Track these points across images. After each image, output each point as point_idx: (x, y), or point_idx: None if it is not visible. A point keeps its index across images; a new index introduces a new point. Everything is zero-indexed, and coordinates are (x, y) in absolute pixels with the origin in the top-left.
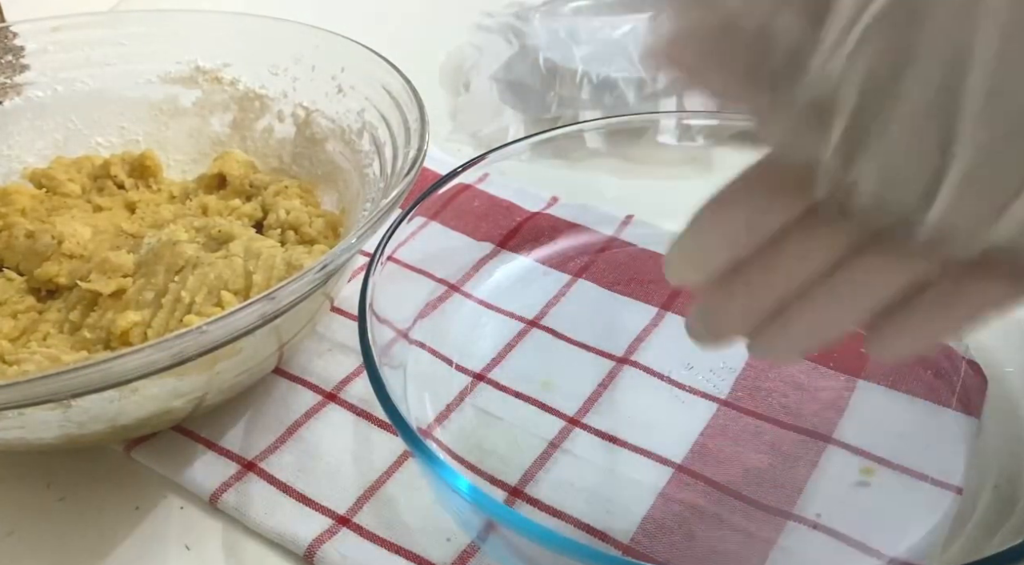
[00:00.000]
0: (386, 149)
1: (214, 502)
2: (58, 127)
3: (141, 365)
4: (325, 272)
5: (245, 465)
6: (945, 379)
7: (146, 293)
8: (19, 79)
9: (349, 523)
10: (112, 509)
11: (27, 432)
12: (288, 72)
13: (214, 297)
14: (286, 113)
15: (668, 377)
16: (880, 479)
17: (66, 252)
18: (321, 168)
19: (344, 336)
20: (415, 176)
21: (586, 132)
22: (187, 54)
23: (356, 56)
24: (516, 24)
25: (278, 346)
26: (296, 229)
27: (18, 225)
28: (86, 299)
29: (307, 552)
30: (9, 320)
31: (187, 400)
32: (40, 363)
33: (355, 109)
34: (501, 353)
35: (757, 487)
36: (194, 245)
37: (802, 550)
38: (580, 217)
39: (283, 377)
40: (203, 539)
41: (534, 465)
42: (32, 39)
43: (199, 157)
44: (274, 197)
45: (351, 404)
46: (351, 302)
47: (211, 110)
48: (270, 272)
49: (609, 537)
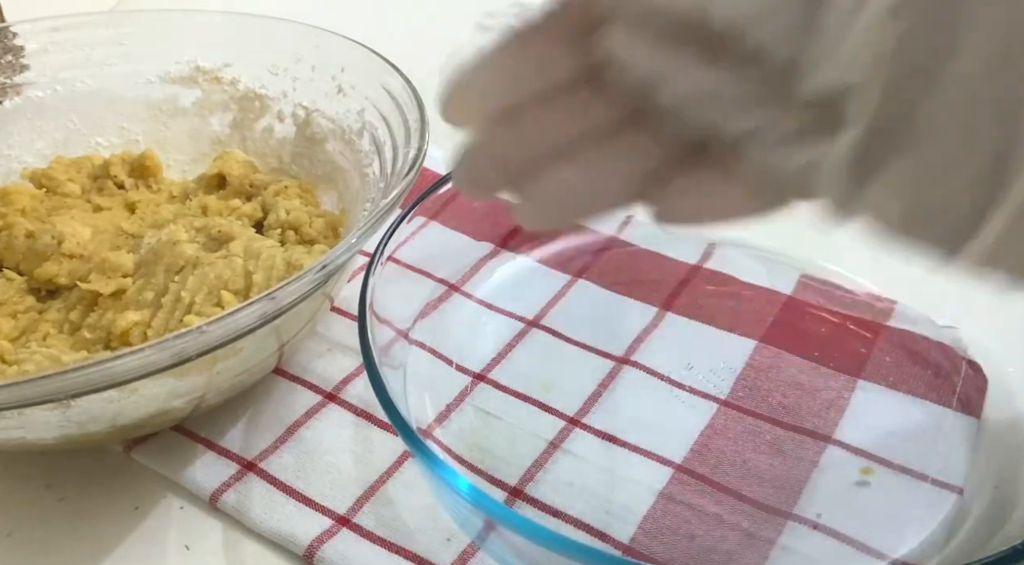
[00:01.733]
0: (386, 149)
1: (214, 502)
2: (58, 127)
3: (141, 365)
4: (325, 272)
5: (245, 465)
6: (945, 379)
7: (146, 293)
8: (19, 79)
9: (349, 523)
10: (112, 509)
11: (27, 432)
12: (288, 72)
13: (214, 297)
14: (286, 113)
15: (668, 377)
16: (880, 479)
17: (66, 252)
18: (321, 168)
19: (344, 336)
20: (415, 176)
21: None
22: (187, 54)
23: (356, 56)
24: None
25: (278, 346)
26: (296, 229)
27: (18, 225)
28: (86, 299)
29: (307, 552)
30: (9, 320)
31: (187, 400)
32: (40, 363)
33: (355, 109)
34: (501, 353)
35: (757, 487)
36: (194, 245)
37: (802, 550)
38: None
39: (283, 377)
40: (203, 539)
41: (534, 465)
42: (32, 39)
43: (199, 157)
44: (274, 197)
45: (351, 404)
46: (351, 302)
47: (211, 110)
48: (270, 272)
49: (609, 537)
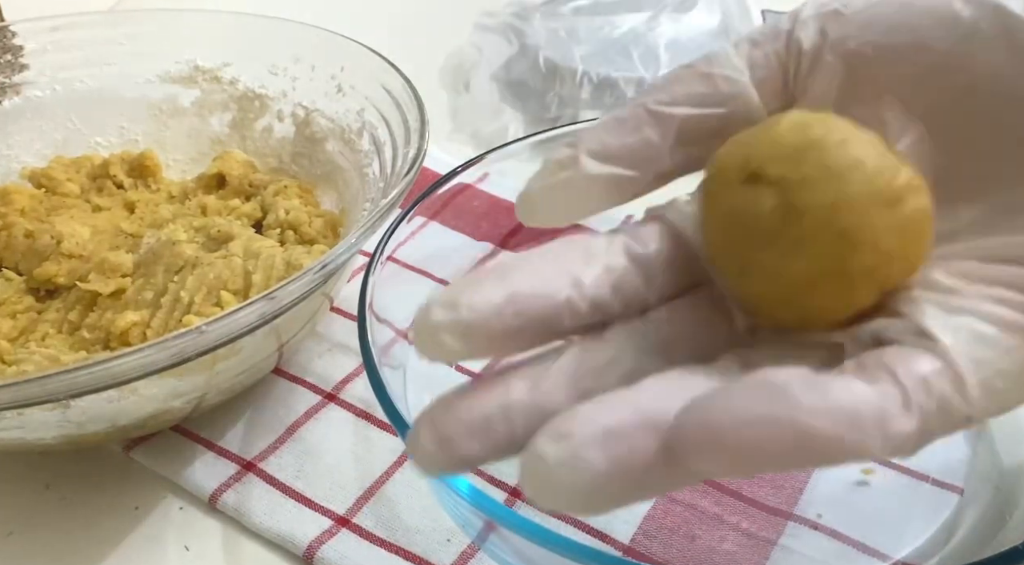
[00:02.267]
0: (386, 149)
1: (214, 502)
2: (57, 127)
3: (140, 365)
4: (325, 272)
5: (245, 465)
6: None
7: (145, 293)
8: (18, 79)
9: (349, 524)
10: (112, 509)
11: (26, 432)
12: (288, 72)
13: (213, 297)
14: (286, 113)
15: None
16: (880, 479)
17: (65, 252)
18: (321, 168)
19: (344, 336)
20: (415, 176)
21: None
22: (186, 54)
23: (356, 56)
24: (516, 24)
25: (278, 346)
26: (296, 229)
27: (17, 225)
28: (85, 299)
29: (306, 552)
30: (8, 320)
31: (186, 400)
32: (39, 363)
33: (355, 109)
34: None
35: (757, 487)
36: (193, 245)
37: (802, 550)
38: None
39: (283, 377)
40: (203, 539)
41: None
42: (31, 38)
43: (198, 157)
44: (273, 197)
45: (351, 404)
46: (351, 302)
47: (210, 110)
48: (270, 272)
49: (609, 537)
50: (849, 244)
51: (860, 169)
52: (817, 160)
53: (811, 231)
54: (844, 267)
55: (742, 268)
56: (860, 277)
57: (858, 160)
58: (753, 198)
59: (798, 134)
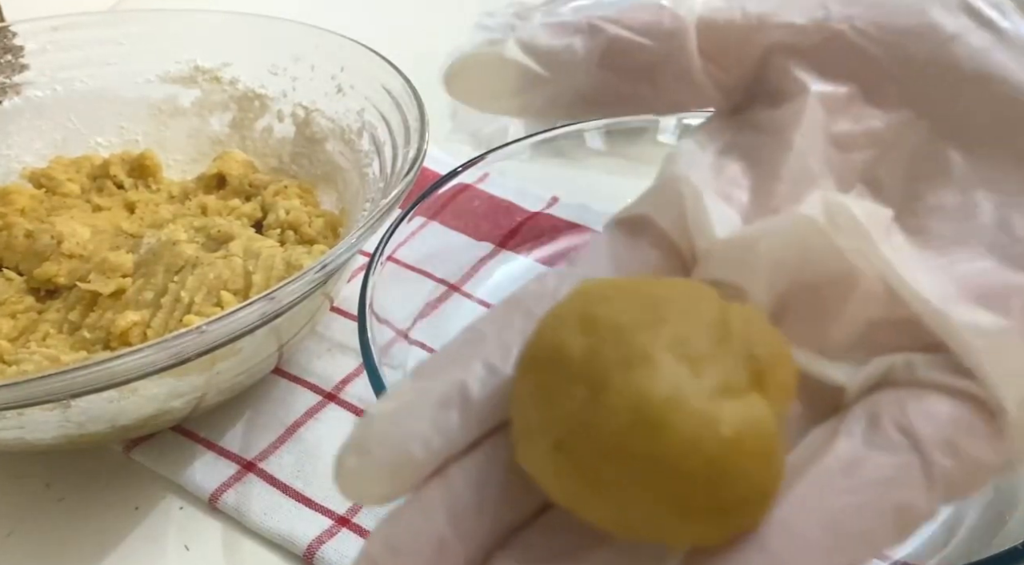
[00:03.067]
0: (386, 149)
1: (214, 502)
2: (57, 127)
3: (141, 365)
4: (325, 272)
5: (245, 465)
6: None
7: (145, 293)
8: (18, 79)
9: (349, 523)
10: (112, 509)
11: (26, 432)
12: (287, 72)
13: (213, 297)
14: (286, 113)
15: None
16: None
17: (65, 252)
18: (321, 168)
19: (344, 336)
20: (415, 176)
21: (586, 132)
22: (186, 53)
23: (356, 56)
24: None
25: (278, 346)
26: (296, 229)
27: (17, 225)
28: (85, 299)
29: (306, 552)
30: (8, 320)
31: (186, 400)
32: (39, 363)
33: (355, 109)
34: None
35: None
36: (193, 245)
37: None
38: (580, 217)
39: (283, 377)
40: (203, 539)
41: None
42: (31, 39)
43: (198, 157)
44: (273, 197)
45: (351, 404)
46: (351, 302)
47: (210, 110)
48: (270, 272)
49: None
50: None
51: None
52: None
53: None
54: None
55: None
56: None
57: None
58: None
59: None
